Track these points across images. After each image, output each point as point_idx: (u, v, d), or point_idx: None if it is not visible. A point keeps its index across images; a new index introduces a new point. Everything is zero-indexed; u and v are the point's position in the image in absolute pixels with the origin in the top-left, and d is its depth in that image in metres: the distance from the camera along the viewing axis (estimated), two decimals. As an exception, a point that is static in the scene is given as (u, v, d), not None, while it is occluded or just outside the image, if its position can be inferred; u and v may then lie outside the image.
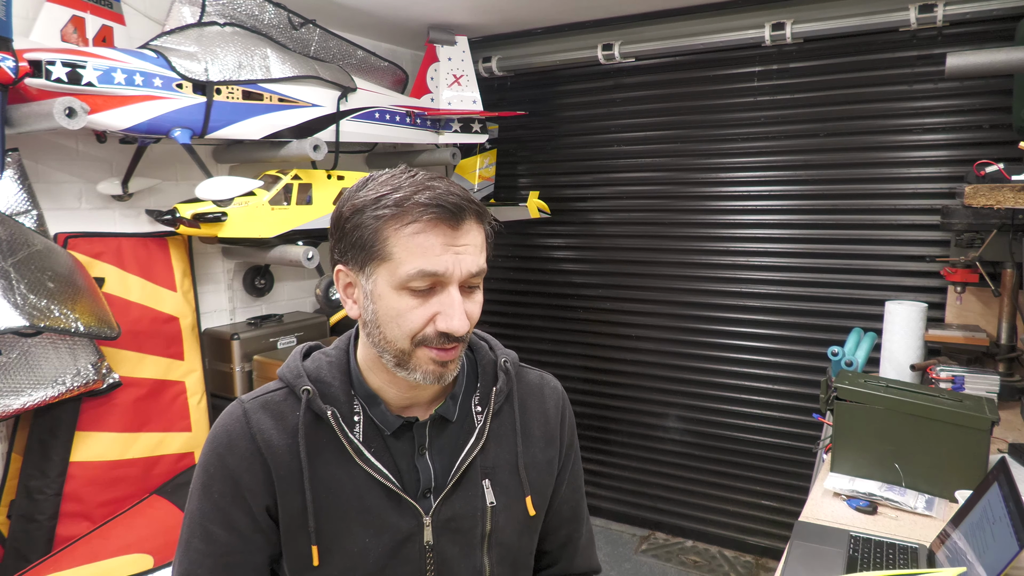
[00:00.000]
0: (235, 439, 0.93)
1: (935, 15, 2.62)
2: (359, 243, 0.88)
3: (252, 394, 0.98)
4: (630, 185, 3.51)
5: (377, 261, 0.88)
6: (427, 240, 0.86)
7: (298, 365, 0.97)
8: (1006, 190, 1.89)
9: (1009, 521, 1.25)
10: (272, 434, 0.93)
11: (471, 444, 0.98)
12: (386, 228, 0.87)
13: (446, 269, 0.86)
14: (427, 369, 0.90)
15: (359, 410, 0.95)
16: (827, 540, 1.56)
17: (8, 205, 2.11)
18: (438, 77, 3.23)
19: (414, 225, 0.86)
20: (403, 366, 0.91)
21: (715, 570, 3.23)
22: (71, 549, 2.09)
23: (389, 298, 0.88)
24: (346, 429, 0.94)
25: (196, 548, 0.93)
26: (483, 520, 0.98)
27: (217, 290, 2.91)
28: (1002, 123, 2.65)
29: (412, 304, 0.87)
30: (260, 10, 2.59)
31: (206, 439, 0.96)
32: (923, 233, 2.85)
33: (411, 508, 0.94)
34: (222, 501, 0.92)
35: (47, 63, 1.94)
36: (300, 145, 2.61)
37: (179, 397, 2.56)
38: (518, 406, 1.04)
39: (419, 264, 0.85)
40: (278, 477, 0.91)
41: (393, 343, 0.89)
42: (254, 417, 0.93)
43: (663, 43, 3.19)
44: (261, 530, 0.93)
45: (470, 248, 0.88)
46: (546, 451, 1.06)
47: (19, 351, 2.07)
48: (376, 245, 0.87)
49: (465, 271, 0.88)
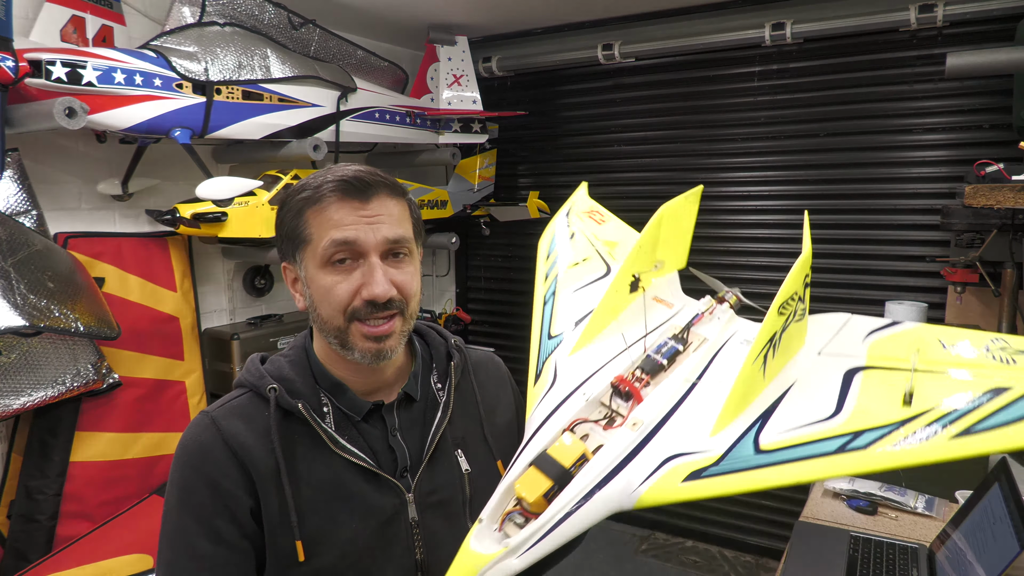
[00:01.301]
0: (208, 447, 0.91)
1: (935, 15, 2.62)
2: (289, 234, 0.95)
3: (215, 404, 0.98)
4: (630, 185, 3.51)
5: (303, 246, 0.94)
6: (336, 213, 0.91)
7: (258, 368, 0.98)
8: (1006, 190, 1.89)
9: (1009, 521, 1.25)
10: (245, 436, 0.92)
11: (439, 418, 1.02)
12: (305, 212, 0.93)
13: (357, 236, 0.91)
14: (363, 347, 0.93)
15: (327, 401, 0.97)
16: (827, 540, 1.56)
17: (8, 205, 2.11)
18: (438, 77, 3.23)
19: (324, 202, 0.92)
20: (344, 345, 0.94)
21: (715, 570, 3.23)
22: (71, 549, 2.09)
23: (317, 278, 0.93)
24: (318, 420, 0.94)
25: (183, 567, 0.89)
26: (462, 488, 1.00)
27: (217, 290, 2.91)
28: (1002, 123, 2.65)
29: (337, 279, 0.92)
30: (260, 10, 2.59)
31: (175, 454, 0.94)
32: (923, 233, 2.86)
33: (392, 487, 0.95)
34: (203, 512, 0.90)
35: (47, 63, 1.94)
36: (300, 145, 2.61)
37: (179, 397, 2.56)
38: (474, 379, 1.09)
39: (332, 235, 0.91)
40: (258, 476, 0.91)
41: (329, 322, 0.93)
42: (224, 423, 0.93)
43: (663, 43, 3.19)
44: (247, 536, 0.91)
45: (383, 217, 0.93)
46: (504, 415, 1.12)
47: (19, 351, 2.07)
48: (299, 230, 0.94)
49: (381, 237, 0.92)
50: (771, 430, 0.78)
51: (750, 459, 0.75)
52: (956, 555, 1.38)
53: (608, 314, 1.02)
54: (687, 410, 0.85)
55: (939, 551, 1.46)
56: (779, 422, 0.79)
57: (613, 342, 0.99)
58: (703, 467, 0.75)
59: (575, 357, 0.97)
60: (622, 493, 0.76)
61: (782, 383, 0.85)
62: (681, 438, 0.80)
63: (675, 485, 0.75)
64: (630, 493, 0.76)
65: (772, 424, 0.79)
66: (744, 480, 0.73)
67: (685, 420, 0.83)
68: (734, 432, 0.79)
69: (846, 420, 0.76)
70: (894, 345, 0.88)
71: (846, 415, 0.77)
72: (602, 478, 0.77)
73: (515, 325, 3.91)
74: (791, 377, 0.86)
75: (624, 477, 0.77)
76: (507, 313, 3.95)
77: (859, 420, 0.75)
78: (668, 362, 0.92)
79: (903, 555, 1.48)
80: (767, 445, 0.76)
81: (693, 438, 0.80)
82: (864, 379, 0.82)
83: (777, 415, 0.80)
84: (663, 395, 0.87)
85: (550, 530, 0.74)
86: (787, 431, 0.77)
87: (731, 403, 0.80)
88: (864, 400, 0.79)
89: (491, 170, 3.68)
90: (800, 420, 0.78)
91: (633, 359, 0.95)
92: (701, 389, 0.88)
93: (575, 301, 1.10)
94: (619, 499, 0.76)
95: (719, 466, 0.75)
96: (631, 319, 1.04)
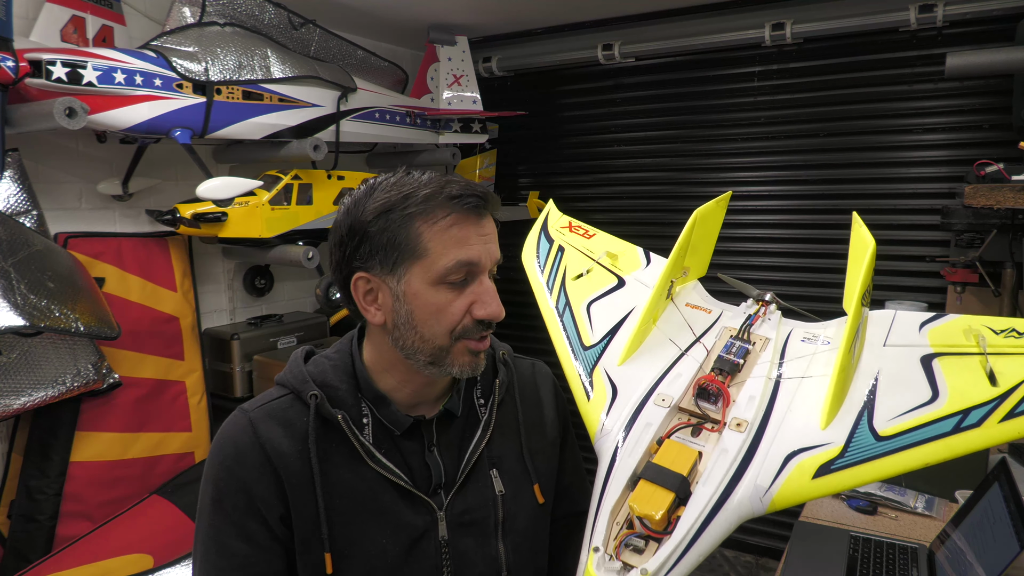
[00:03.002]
0: (243, 450, 0.91)
1: (935, 15, 2.62)
2: (389, 244, 0.88)
3: (255, 403, 0.96)
4: (630, 185, 3.51)
5: (411, 260, 0.88)
6: (461, 232, 0.88)
7: (302, 370, 0.96)
8: (1006, 190, 1.89)
9: (1009, 521, 1.25)
10: (282, 442, 0.91)
11: (478, 436, 0.99)
12: (419, 225, 0.87)
13: (480, 258, 0.89)
14: (464, 361, 0.92)
15: (367, 412, 0.95)
16: (827, 540, 1.56)
17: (8, 205, 2.11)
18: (438, 77, 3.23)
19: (448, 219, 0.88)
20: (438, 363, 0.91)
21: (715, 570, 3.22)
22: (71, 549, 2.09)
23: (426, 295, 0.88)
24: (357, 432, 0.93)
25: (214, 563, 0.91)
26: (495, 510, 0.98)
27: (217, 290, 2.91)
28: (1002, 123, 2.65)
29: (450, 297, 0.89)
30: (260, 10, 2.59)
31: (211, 450, 0.94)
32: (923, 233, 2.85)
33: (425, 504, 0.94)
34: (235, 514, 0.90)
35: (47, 63, 1.94)
36: (300, 145, 2.61)
37: (179, 397, 2.56)
38: (518, 396, 1.06)
39: (456, 255, 0.87)
40: (290, 486, 0.90)
41: (431, 341, 0.90)
42: (261, 427, 0.92)
43: (663, 43, 3.19)
44: (277, 539, 0.91)
45: (493, 236, 0.92)
46: (547, 434, 1.08)
47: (19, 351, 2.07)
48: (409, 243, 0.88)
49: (494, 259, 0.92)
50: (880, 418, 0.77)
51: (873, 447, 0.74)
52: (956, 555, 1.38)
53: (650, 322, 1.01)
54: (782, 407, 0.83)
55: (939, 551, 1.46)
56: (884, 410, 0.78)
57: (664, 348, 0.98)
58: (829, 460, 0.74)
59: (627, 366, 0.95)
60: (752, 498, 0.74)
61: (867, 374, 0.85)
62: (793, 434, 0.79)
63: (806, 483, 0.73)
64: (761, 496, 0.73)
65: (879, 412, 0.78)
66: (873, 469, 0.72)
67: (787, 416, 0.82)
68: (846, 423, 0.78)
69: (947, 402, 0.76)
70: (950, 333, 0.88)
71: (945, 398, 0.77)
72: (727, 483, 0.74)
73: (515, 325, 3.91)
74: (872, 368, 0.86)
75: (749, 480, 0.75)
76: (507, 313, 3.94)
77: (959, 401, 0.76)
78: (742, 362, 0.91)
79: (903, 555, 1.48)
80: (885, 431, 0.75)
81: (806, 433, 0.78)
82: (942, 364, 0.83)
83: (879, 403, 0.80)
84: (752, 394, 0.85)
85: (688, 547, 0.70)
86: (896, 417, 0.77)
87: (834, 395, 0.79)
88: (954, 382, 0.79)
89: (491, 170, 3.68)
90: (904, 406, 0.78)
91: (699, 361, 0.93)
92: (786, 386, 0.86)
93: (597, 312, 1.09)
94: (751, 504, 0.73)
95: (845, 458, 0.74)
96: (672, 326, 1.03)
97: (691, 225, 1.03)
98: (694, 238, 1.07)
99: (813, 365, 0.89)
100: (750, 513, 0.73)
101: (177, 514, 2.24)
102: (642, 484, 0.75)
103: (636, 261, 1.23)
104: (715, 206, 1.12)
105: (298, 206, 2.65)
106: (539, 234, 1.32)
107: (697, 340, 0.98)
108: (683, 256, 1.06)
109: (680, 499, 0.73)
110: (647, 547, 0.71)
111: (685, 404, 0.87)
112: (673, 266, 1.01)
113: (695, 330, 1.01)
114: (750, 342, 0.95)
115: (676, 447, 0.79)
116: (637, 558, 0.70)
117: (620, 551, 0.71)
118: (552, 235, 1.31)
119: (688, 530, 0.70)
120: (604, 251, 1.25)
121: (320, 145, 2.63)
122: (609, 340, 1.01)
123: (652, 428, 0.83)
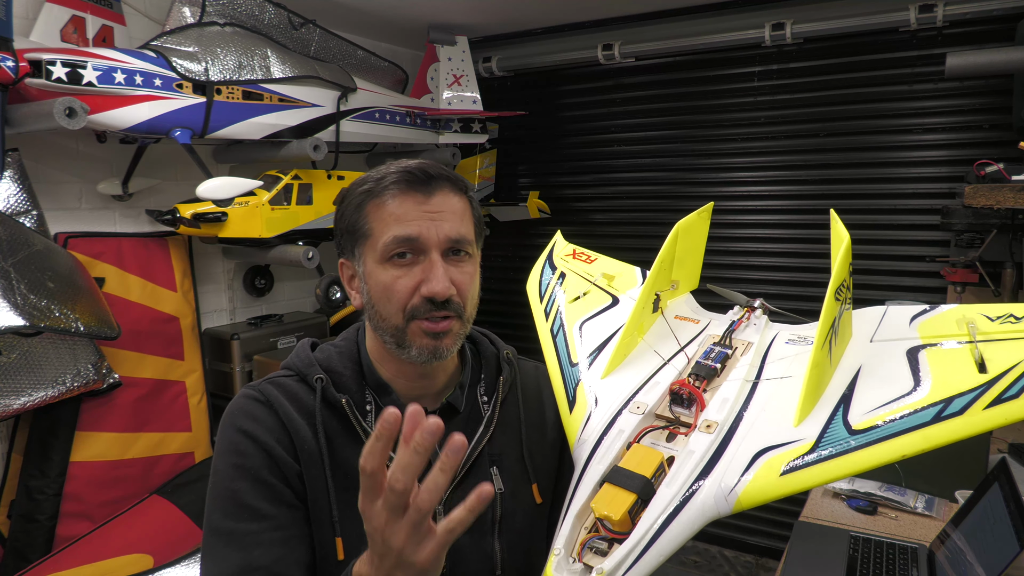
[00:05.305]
0: (257, 413, 0.92)
1: (935, 15, 2.62)
2: (349, 228, 0.94)
3: (259, 380, 0.97)
4: (630, 185, 3.51)
5: (363, 241, 0.92)
6: (399, 208, 0.90)
7: (308, 355, 0.98)
8: (1006, 190, 1.89)
9: (1009, 521, 1.25)
10: (290, 410, 0.92)
11: (480, 433, 0.99)
12: (365, 206, 0.92)
13: (419, 232, 0.89)
14: (423, 344, 0.91)
15: (371, 399, 0.96)
16: (827, 540, 1.56)
17: (8, 205, 2.11)
18: (438, 77, 3.23)
19: (385, 196, 0.90)
20: (401, 344, 0.92)
21: (715, 570, 3.22)
22: (71, 549, 2.09)
23: (377, 274, 0.91)
24: (360, 418, 0.94)
25: (245, 530, 0.86)
26: (493, 507, 0.98)
27: (217, 290, 2.91)
28: (1002, 123, 2.65)
29: (397, 275, 0.90)
30: (260, 10, 2.59)
31: (221, 427, 0.94)
32: (923, 233, 2.86)
33: None
34: (260, 473, 0.89)
35: (47, 63, 1.94)
36: (300, 145, 2.61)
37: (179, 397, 2.56)
38: (521, 396, 1.06)
39: (393, 231, 0.89)
40: (302, 451, 0.91)
41: (388, 320, 0.91)
42: (271, 393, 0.93)
43: (663, 43, 3.19)
44: (302, 500, 0.90)
45: (446, 215, 0.91)
46: (548, 436, 1.08)
47: (19, 351, 2.07)
48: (359, 224, 0.92)
49: (443, 235, 0.90)
50: (856, 411, 0.76)
51: (846, 441, 0.72)
52: (956, 555, 1.38)
53: (635, 334, 1.00)
54: (757, 407, 0.82)
55: (939, 551, 1.46)
56: (861, 404, 0.77)
57: (647, 360, 0.97)
58: (799, 456, 0.72)
59: (610, 379, 0.95)
60: (718, 496, 0.72)
61: (848, 369, 0.83)
62: (764, 432, 0.77)
63: (774, 480, 0.71)
64: (727, 495, 0.72)
65: (855, 406, 0.76)
66: (845, 463, 0.70)
67: (760, 416, 0.81)
68: (819, 419, 0.76)
69: (930, 392, 0.74)
70: (942, 324, 0.86)
71: (927, 388, 0.75)
72: (691, 483, 0.73)
73: (515, 325, 3.91)
74: (854, 364, 0.84)
75: (716, 479, 0.73)
76: (507, 313, 3.94)
77: (943, 390, 0.73)
78: (720, 367, 0.90)
79: (903, 555, 1.48)
80: (859, 425, 0.73)
81: (778, 430, 0.77)
82: (929, 355, 0.81)
83: (857, 398, 0.78)
84: (726, 396, 0.84)
85: (647, 547, 0.69)
86: (873, 410, 0.75)
87: (808, 391, 0.77)
88: (938, 372, 0.77)
89: (491, 170, 3.68)
90: (882, 398, 0.76)
91: (679, 369, 0.92)
92: (764, 387, 0.86)
93: (589, 330, 1.08)
94: (716, 504, 0.72)
95: (815, 453, 0.72)
96: (658, 338, 1.02)
97: (673, 238, 1.01)
98: (679, 251, 1.06)
99: (794, 365, 0.88)
100: (715, 513, 0.72)
101: (177, 514, 2.24)
102: (605, 487, 0.74)
103: (632, 280, 1.23)
104: (697, 218, 1.10)
105: (298, 206, 2.65)
106: (544, 264, 1.32)
107: (681, 350, 0.97)
108: (667, 268, 1.05)
109: (643, 501, 0.72)
110: (611, 549, 0.71)
111: (660, 411, 0.86)
112: (655, 278, 1.00)
113: (681, 341, 1.00)
114: (731, 347, 0.95)
115: (643, 450, 0.78)
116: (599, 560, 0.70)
117: (583, 554, 0.71)
118: (556, 263, 1.31)
119: (647, 530, 0.70)
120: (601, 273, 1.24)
121: (320, 145, 2.63)
122: (596, 356, 1.01)
123: (624, 434, 0.83)
